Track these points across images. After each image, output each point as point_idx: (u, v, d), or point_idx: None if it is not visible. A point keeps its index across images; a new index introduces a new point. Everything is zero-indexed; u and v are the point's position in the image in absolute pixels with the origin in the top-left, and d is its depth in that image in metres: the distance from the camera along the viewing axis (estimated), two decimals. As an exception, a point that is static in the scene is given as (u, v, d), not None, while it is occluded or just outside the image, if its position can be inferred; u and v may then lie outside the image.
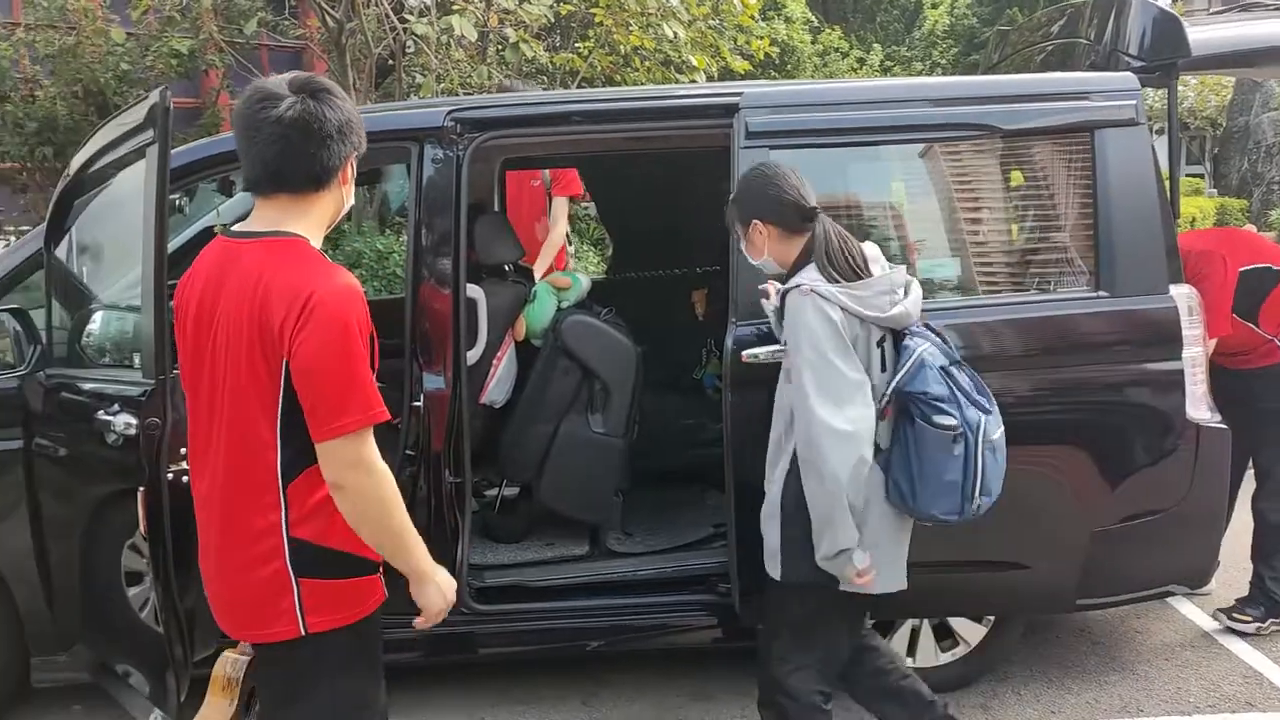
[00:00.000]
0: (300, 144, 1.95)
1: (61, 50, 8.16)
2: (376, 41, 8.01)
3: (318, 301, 1.88)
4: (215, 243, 2.09)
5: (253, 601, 2.00)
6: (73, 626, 3.24)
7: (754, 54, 9.28)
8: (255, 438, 1.95)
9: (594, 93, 4.22)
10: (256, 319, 1.90)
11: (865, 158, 3.47)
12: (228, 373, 1.95)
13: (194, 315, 2.01)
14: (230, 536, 2.00)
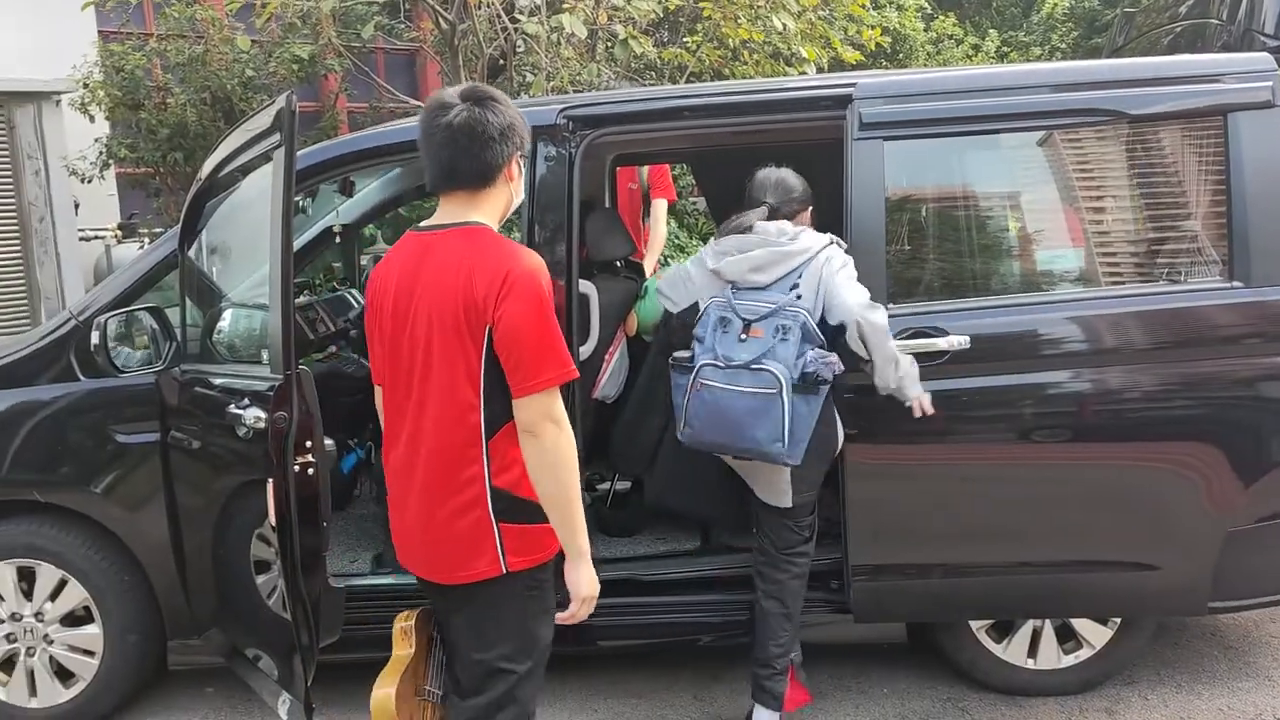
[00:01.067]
0: (467, 146, 2.22)
1: (191, 59, 8.49)
2: (488, 42, 8.14)
3: (516, 277, 2.16)
4: (407, 237, 2.35)
5: (459, 545, 2.25)
6: (207, 612, 3.39)
7: (865, 44, 9.13)
8: (461, 400, 2.20)
9: (704, 87, 4.20)
10: (462, 294, 2.16)
11: (983, 146, 3.38)
12: (432, 345, 2.21)
13: (393, 301, 2.28)
14: (438, 489, 2.24)
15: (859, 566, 3.22)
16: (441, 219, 2.30)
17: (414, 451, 2.27)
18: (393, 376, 2.31)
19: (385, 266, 2.35)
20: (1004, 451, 3.20)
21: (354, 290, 4.97)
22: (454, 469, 2.23)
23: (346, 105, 10.24)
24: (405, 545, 2.37)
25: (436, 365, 2.21)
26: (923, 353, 3.08)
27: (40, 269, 8.80)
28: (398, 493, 2.35)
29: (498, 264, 2.17)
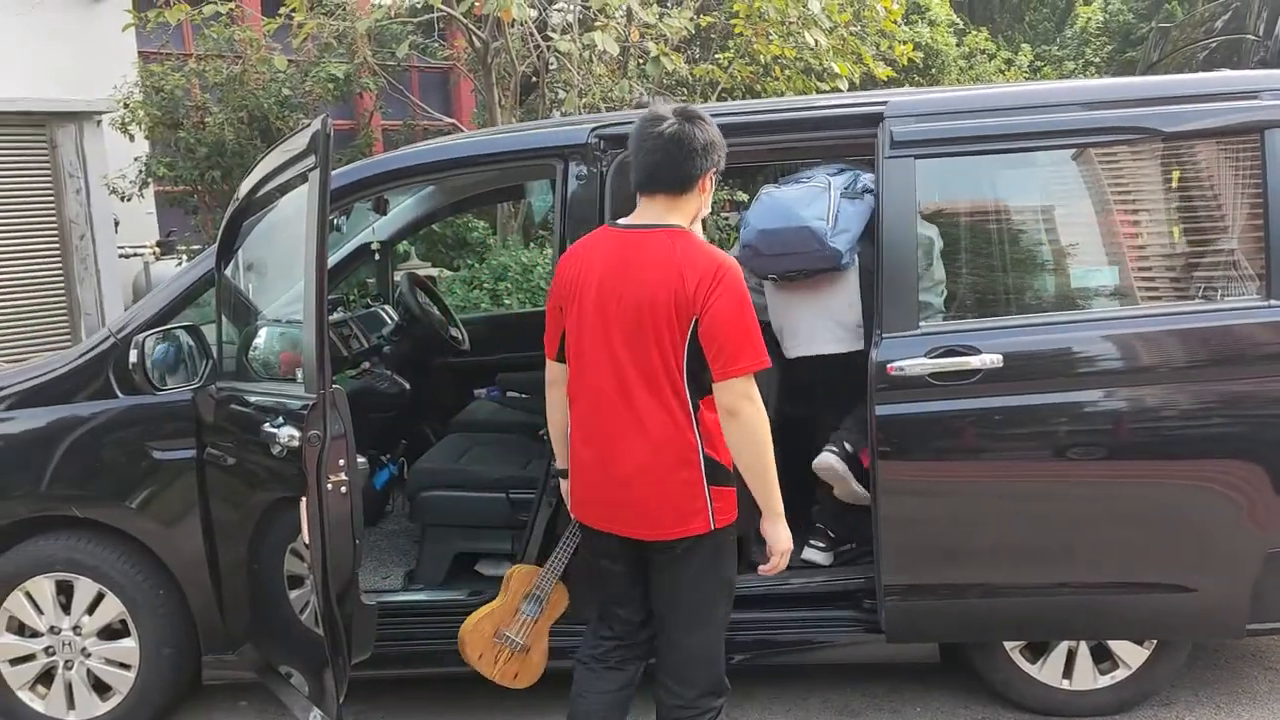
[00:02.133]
0: (674, 154, 2.51)
1: (229, 79, 8.62)
2: (521, 59, 8.21)
3: (724, 274, 2.47)
4: (605, 233, 2.68)
5: (675, 506, 2.54)
6: (240, 627, 3.42)
7: (897, 59, 9.11)
8: (668, 379, 2.50)
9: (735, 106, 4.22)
10: (673, 286, 2.46)
11: (1016, 164, 3.37)
12: (643, 329, 2.49)
13: (596, 288, 2.55)
14: (653, 460, 2.51)
15: (891, 586, 3.20)
16: (642, 219, 2.60)
17: (622, 420, 2.53)
18: (594, 353, 2.57)
19: (582, 256, 2.63)
20: (1039, 470, 3.16)
21: (387, 306, 5.02)
22: (670, 439, 2.51)
23: (381, 123, 10.35)
24: (602, 506, 2.63)
25: (645, 347, 2.49)
26: (954, 371, 3.07)
27: (80, 285, 8.94)
28: (596, 459, 2.59)
29: (708, 262, 2.48)
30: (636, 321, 2.50)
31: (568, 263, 2.69)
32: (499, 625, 2.99)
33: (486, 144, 3.76)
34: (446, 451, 4.07)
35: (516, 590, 3.02)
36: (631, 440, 2.53)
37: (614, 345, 2.53)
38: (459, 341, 4.96)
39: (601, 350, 2.55)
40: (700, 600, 2.64)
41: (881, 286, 3.15)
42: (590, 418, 2.61)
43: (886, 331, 3.13)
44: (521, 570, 3.02)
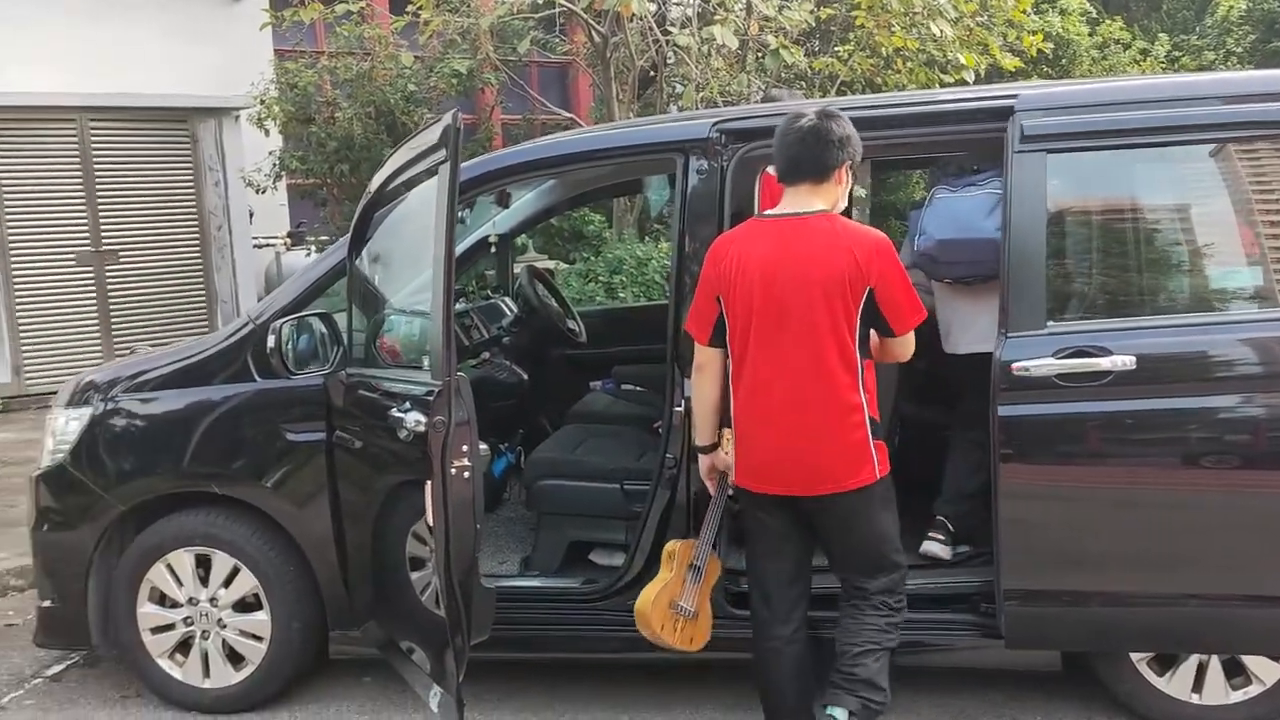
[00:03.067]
0: (813, 145, 2.83)
1: (358, 75, 8.89)
2: (639, 54, 8.26)
3: (886, 245, 2.83)
4: (754, 224, 2.99)
5: (847, 460, 2.83)
6: (365, 605, 3.54)
7: (1025, 50, 8.86)
8: (841, 345, 2.78)
9: (859, 100, 4.17)
10: (846, 261, 2.76)
11: (1152, 159, 3.24)
12: (815, 305, 2.77)
13: (762, 273, 2.81)
14: (826, 420, 2.80)
15: (1011, 590, 3.13)
16: (790, 209, 2.89)
17: (795, 392, 2.81)
18: (764, 334, 2.83)
19: (737, 247, 2.89)
20: (1169, 477, 3.06)
21: (506, 298, 5.11)
22: (841, 403, 2.80)
23: (501, 118, 10.54)
24: (778, 470, 2.87)
25: (816, 321, 2.77)
26: (1083, 373, 2.99)
27: (217, 274, 9.35)
28: (772, 430, 2.85)
29: (871, 238, 2.83)
30: (808, 298, 2.77)
31: (722, 254, 2.92)
32: (672, 597, 3.19)
33: (609, 138, 3.81)
34: (563, 442, 4.14)
35: (681, 562, 3.21)
36: (807, 408, 2.81)
37: (785, 323, 2.80)
38: (576, 334, 5.03)
39: (772, 330, 2.81)
40: (882, 536, 2.96)
41: (1008, 285, 3.08)
42: (763, 393, 2.85)
43: (1012, 331, 3.06)
44: (681, 544, 3.24)
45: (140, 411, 3.66)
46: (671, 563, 3.22)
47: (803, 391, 2.81)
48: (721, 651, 3.38)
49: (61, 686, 3.96)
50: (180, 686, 3.67)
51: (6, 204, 8.34)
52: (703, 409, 3.06)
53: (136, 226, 8.95)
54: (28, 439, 7.23)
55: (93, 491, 3.60)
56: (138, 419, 3.65)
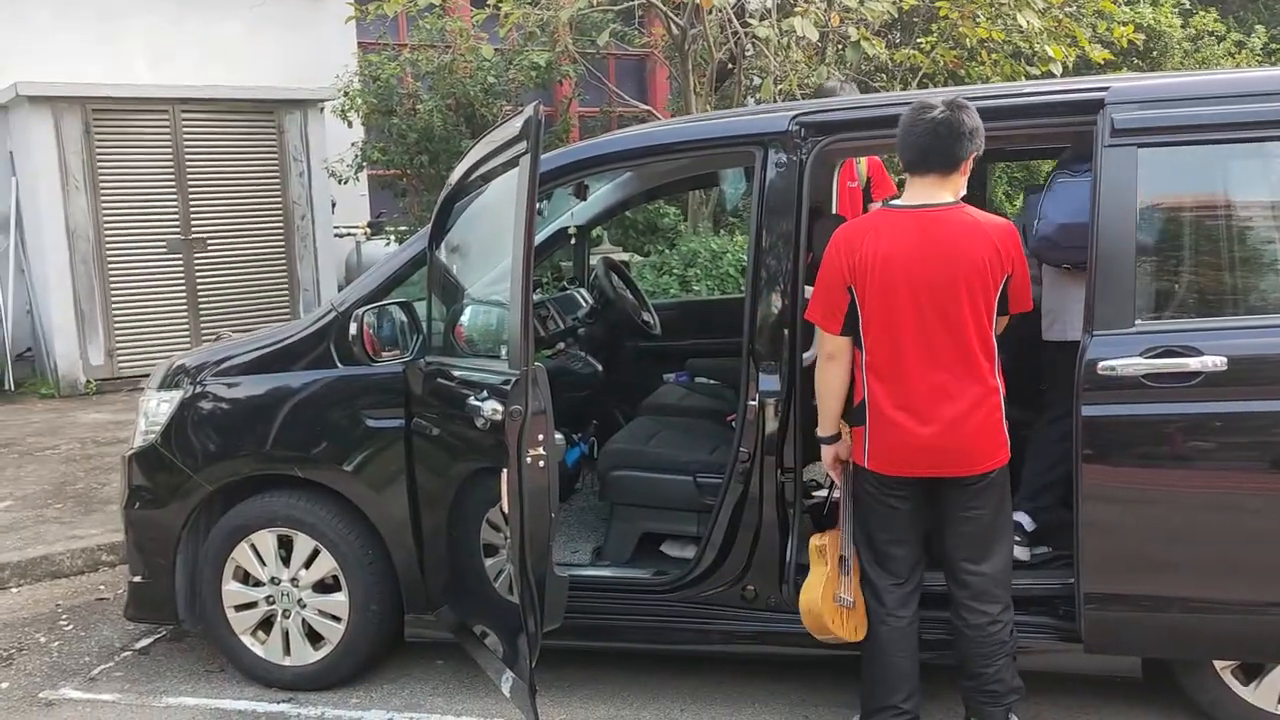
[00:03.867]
0: (944, 136, 2.88)
1: (439, 67, 8.99)
2: (718, 46, 8.23)
3: (1016, 233, 2.97)
4: (884, 214, 3.05)
5: (990, 440, 2.95)
6: (440, 589, 3.60)
7: (1115, 42, 8.63)
8: (981, 331, 2.90)
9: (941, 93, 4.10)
10: (991, 251, 2.88)
11: (1248, 155, 3.14)
12: (959, 293, 2.86)
13: (901, 264, 2.89)
14: (971, 402, 2.90)
15: (1091, 594, 3.07)
16: (918, 199, 2.97)
17: (941, 377, 2.90)
18: (904, 321, 2.90)
19: (868, 237, 2.95)
20: (1258, 482, 2.97)
21: (582, 290, 5.14)
22: (984, 386, 2.91)
23: (578, 110, 10.58)
24: (919, 454, 2.96)
25: (959, 308, 2.87)
26: (1171, 373, 2.91)
27: (300, 262, 9.56)
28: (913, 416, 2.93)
29: (1007, 227, 2.95)
30: (952, 287, 2.87)
31: (856, 244, 2.97)
32: (834, 590, 3.22)
33: (687, 131, 3.81)
34: (636, 433, 4.16)
35: (832, 555, 3.24)
36: (953, 392, 2.90)
37: (925, 311, 2.88)
38: (651, 326, 5.04)
39: (912, 317, 2.89)
40: (1002, 524, 3.08)
41: (1095, 282, 3.01)
42: (905, 379, 2.94)
43: (1099, 329, 3.00)
44: (828, 537, 3.26)
45: (226, 395, 3.76)
46: (823, 557, 3.24)
47: (948, 376, 2.90)
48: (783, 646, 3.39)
49: (149, 659, 4.09)
50: (262, 663, 3.77)
51: (103, 193, 8.63)
52: (831, 399, 3.10)
53: (224, 216, 9.19)
54: (120, 420, 7.49)
55: (182, 472, 3.72)
56: (224, 403, 3.76)
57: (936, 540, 3.14)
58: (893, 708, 3.12)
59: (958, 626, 3.09)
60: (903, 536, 3.12)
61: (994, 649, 3.05)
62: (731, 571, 3.46)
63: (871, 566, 3.16)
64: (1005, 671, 3.07)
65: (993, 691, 3.07)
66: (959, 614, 3.08)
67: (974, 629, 3.05)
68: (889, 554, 3.13)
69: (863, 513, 3.17)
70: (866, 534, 3.17)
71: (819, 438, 3.19)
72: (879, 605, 3.14)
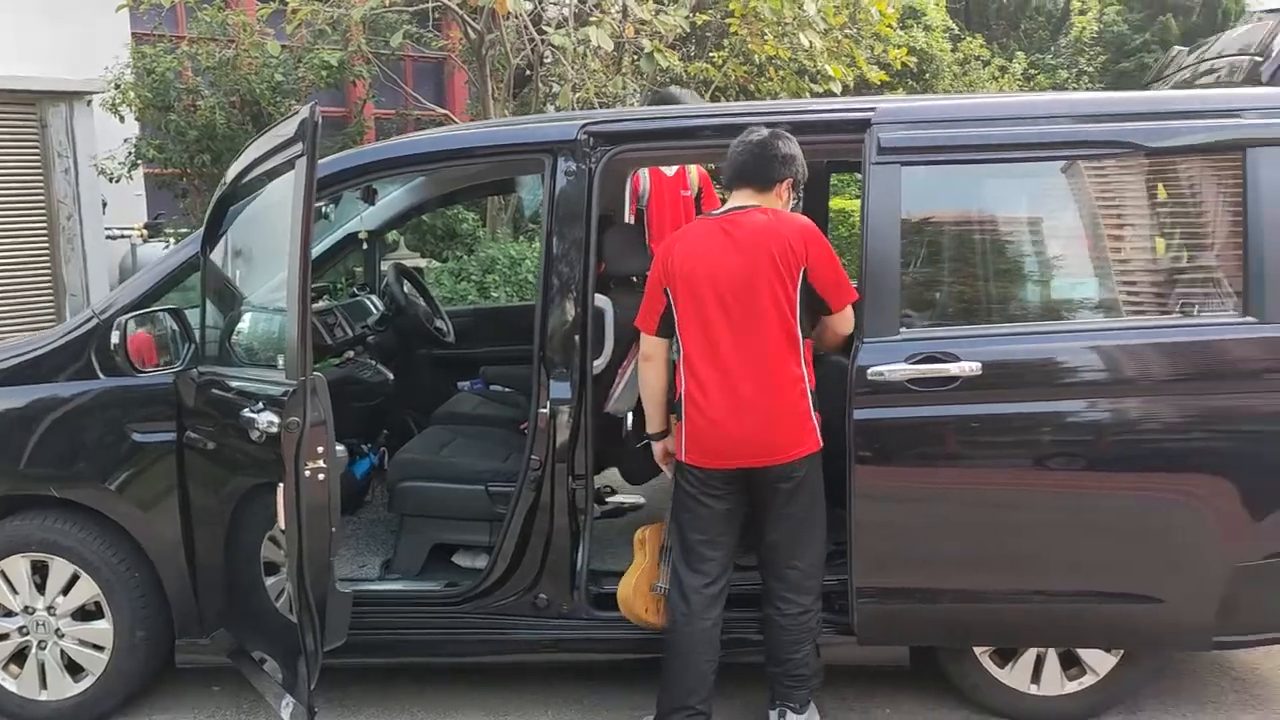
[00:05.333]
0: (758, 156, 3.13)
1: (221, 63, 8.58)
2: (515, 52, 8.21)
3: (813, 230, 3.13)
4: (700, 222, 3.28)
5: (796, 428, 3.07)
6: (215, 612, 3.42)
7: (891, 63, 9.14)
8: (784, 322, 3.04)
9: (725, 107, 4.24)
10: (781, 245, 3.04)
11: (1001, 174, 3.38)
12: (756, 287, 3.02)
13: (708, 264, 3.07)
14: (775, 391, 3.04)
15: (864, 589, 3.22)
16: (727, 208, 3.18)
17: (748, 368, 3.04)
18: (714, 318, 3.05)
19: (684, 242, 3.16)
20: (1014, 478, 3.19)
21: (373, 296, 5.02)
22: (788, 374, 3.04)
23: (374, 111, 10.33)
24: (731, 444, 3.07)
25: (761, 301, 3.02)
26: (934, 377, 3.10)
27: (66, 265, 8.87)
28: (726, 407, 3.05)
29: (800, 225, 3.11)
30: (751, 282, 3.03)
31: (669, 249, 3.18)
32: (651, 580, 3.31)
33: (476, 137, 3.77)
34: (427, 443, 4.09)
35: (653, 547, 3.33)
36: (759, 382, 3.03)
37: (730, 306, 3.04)
38: (444, 333, 4.97)
39: (718, 313, 3.05)
40: (817, 518, 3.20)
41: (864, 293, 3.17)
42: (717, 373, 3.06)
43: (868, 336, 3.15)
44: (650, 529, 3.37)
45: (-28, 410, 3.45)
46: (644, 549, 3.33)
47: (755, 367, 3.04)
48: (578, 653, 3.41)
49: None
50: (15, 699, 3.48)
51: None
52: (653, 397, 3.24)
53: (-23, 214, 8.43)
54: None
55: (-78, 494, 3.39)
56: (-31, 418, 3.45)
57: (756, 536, 3.24)
58: (689, 708, 3.18)
59: (771, 617, 3.21)
60: (716, 537, 3.19)
61: (803, 636, 3.21)
62: (523, 580, 3.45)
63: (683, 567, 3.22)
64: (810, 656, 3.24)
65: (799, 676, 3.23)
66: (774, 605, 3.21)
67: (788, 618, 3.19)
68: (702, 554, 3.20)
69: (679, 512, 3.23)
70: (681, 534, 3.23)
71: (648, 435, 3.33)
72: (685, 606, 3.19)
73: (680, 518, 3.24)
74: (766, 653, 3.27)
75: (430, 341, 4.96)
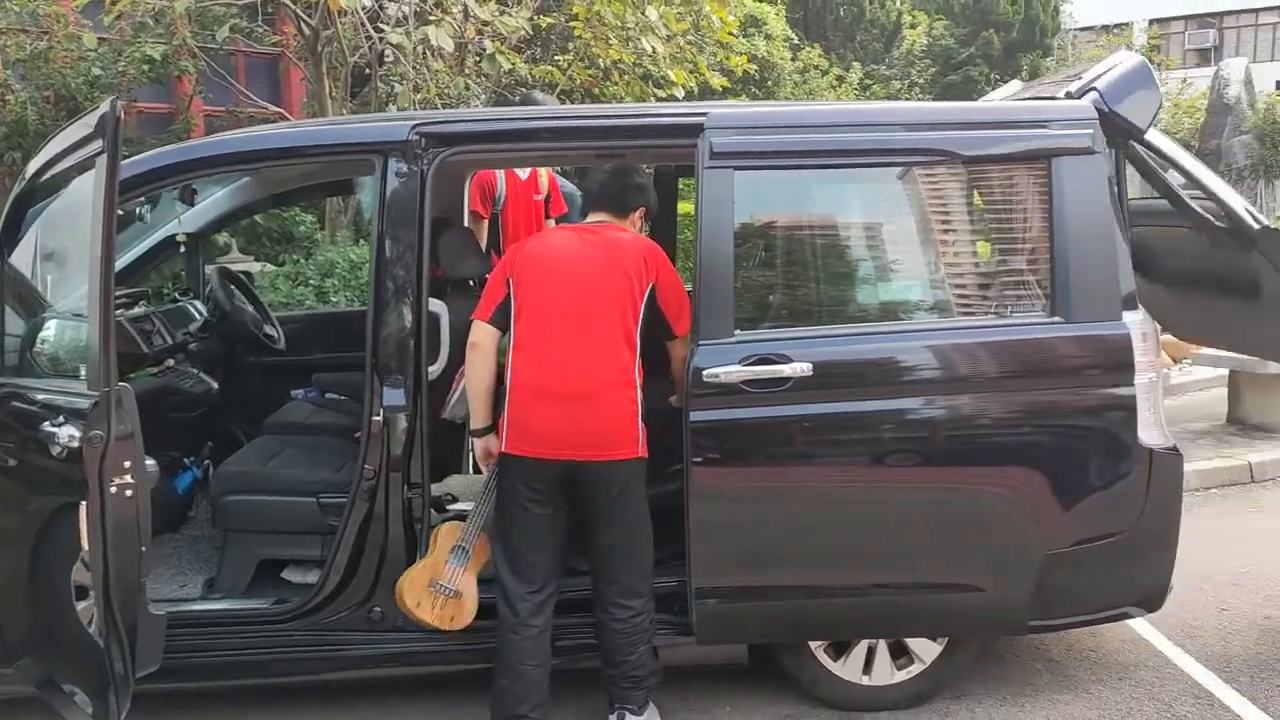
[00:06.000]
0: (615, 185, 3.38)
1: (33, 55, 8.05)
2: (353, 50, 7.98)
3: (664, 256, 3.32)
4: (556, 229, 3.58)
5: (623, 429, 3.11)
6: (20, 640, 3.19)
7: (734, 70, 9.30)
8: (626, 327, 3.14)
9: (561, 109, 4.22)
10: (633, 257, 3.19)
11: (830, 179, 3.47)
12: (605, 289, 3.14)
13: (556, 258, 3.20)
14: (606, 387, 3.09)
15: (702, 589, 3.25)
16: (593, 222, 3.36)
17: (583, 363, 3.09)
18: (555, 311, 3.12)
19: (538, 240, 3.36)
20: (846, 476, 3.28)
21: (196, 301, 4.79)
22: (623, 378, 3.11)
23: (203, 108, 9.88)
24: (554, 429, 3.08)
25: (609, 303, 3.13)
26: (767, 379, 3.15)
27: None
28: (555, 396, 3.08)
29: (649, 243, 3.35)
30: (601, 280, 3.14)
31: (522, 245, 3.31)
32: (433, 575, 3.24)
33: (301, 136, 3.65)
34: (255, 454, 3.93)
35: (443, 544, 3.27)
36: (593, 375, 3.08)
37: (576, 299, 3.12)
38: (274, 340, 4.78)
39: (563, 303, 3.12)
40: (644, 523, 3.24)
41: (699, 294, 3.20)
42: (550, 364, 3.10)
43: (703, 339, 3.18)
44: (447, 526, 3.30)
45: None
46: (434, 544, 3.28)
47: (591, 361, 3.09)
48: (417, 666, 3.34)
49: None
50: None
51: None
52: (478, 389, 3.21)
53: None
54: None
55: None
56: None
57: (585, 543, 3.25)
58: (521, 717, 3.15)
59: (604, 621, 3.24)
60: (541, 544, 3.18)
61: (637, 638, 3.24)
62: (357, 594, 3.36)
63: (508, 575, 3.18)
64: (646, 657, 3.28)
65: (635, 677, 3.26)
66: (606, 610, 3.23)
67: (620, 622, 3.22)
68: (527, 561, 3.17)
69: (504, 520, 3.20)
70: (505, 542, 3.19)
71: (471, 431, 3.29)
72: (512, 615, 3.16)
73: (503, 523, 3.22)
74: (602, 656, 3.27)
75: (259, 348, 4.76)
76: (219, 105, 10.07)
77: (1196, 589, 4.40)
